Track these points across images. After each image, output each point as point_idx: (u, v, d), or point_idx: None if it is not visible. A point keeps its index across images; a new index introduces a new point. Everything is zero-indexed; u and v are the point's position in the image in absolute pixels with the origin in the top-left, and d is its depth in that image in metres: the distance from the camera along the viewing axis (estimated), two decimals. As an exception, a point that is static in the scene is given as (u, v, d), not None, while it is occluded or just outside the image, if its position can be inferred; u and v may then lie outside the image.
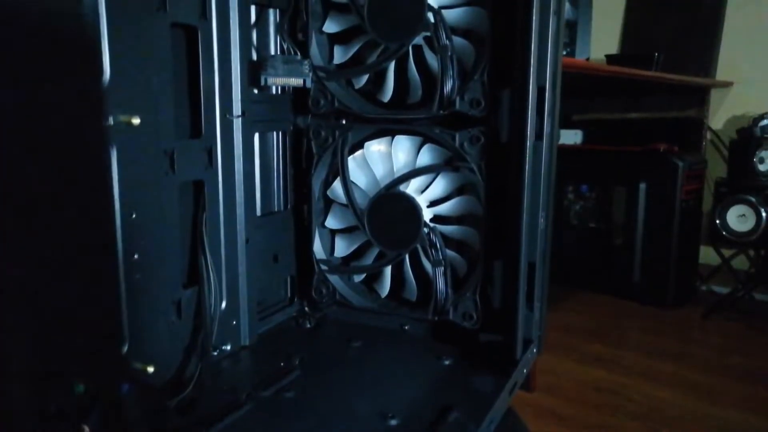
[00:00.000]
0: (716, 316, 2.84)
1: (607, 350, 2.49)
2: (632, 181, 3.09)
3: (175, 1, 0.91)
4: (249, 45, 1.07)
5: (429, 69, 1.07)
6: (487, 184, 1.04)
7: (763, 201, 2.85)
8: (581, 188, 3.29)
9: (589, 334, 2.66)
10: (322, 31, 1.12)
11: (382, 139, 1.12)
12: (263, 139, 1.15)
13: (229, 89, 1.04)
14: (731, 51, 3.20)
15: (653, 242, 3.05)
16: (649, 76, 2.84)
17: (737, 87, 3.22)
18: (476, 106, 1.01)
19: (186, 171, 0.96)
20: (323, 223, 1.18)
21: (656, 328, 2.75)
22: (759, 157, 2.93)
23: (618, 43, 3.56)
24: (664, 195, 3.01)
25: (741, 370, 2.23)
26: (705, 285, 3.22)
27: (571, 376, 2.19)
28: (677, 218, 2.99)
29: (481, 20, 1.02)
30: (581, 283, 3.27)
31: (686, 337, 2.65)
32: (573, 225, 3.32)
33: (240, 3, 1.03)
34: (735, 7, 3.19)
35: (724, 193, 2.96)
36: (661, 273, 3.04)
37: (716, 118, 3.30)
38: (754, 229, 2.85)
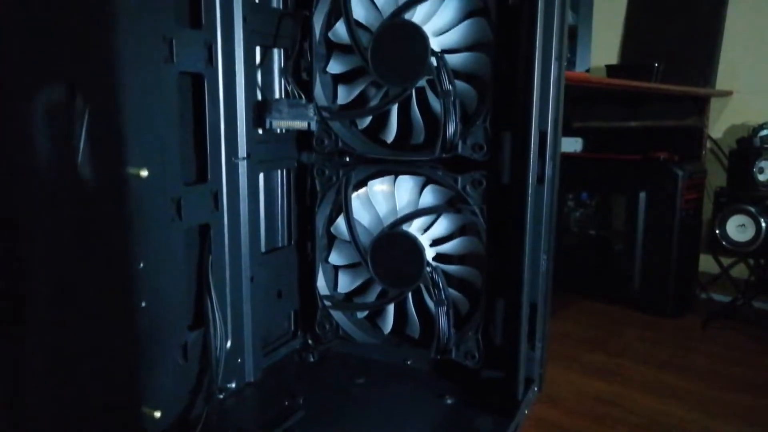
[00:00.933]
0: (716, 325, 2.84)
1: (608, 360, 2.49)
2: (632, 190, 3.09)
3: (183, 51, 0.92)
4: (254, 86, 1.08)
5: (432, 111, 1.08)
6: (489, 226, 1.05)
7: (763, 211, 2.85)
8: (581, 196, 3.30)
9: (589, 344, 2.66)
10: (326, 71, 1.13)
11: (385, 178, 1.13)
12: (268, 177, 1.16)
13: (234, 131, 1.05)
14: (731, 60, 3.20)
15: (653, 251, 3.05)
16: (649, 87, 2.85)
17: (737, 96, 3.22)
18: (478, 150, 1.03)
19: (192, 217, 0.98)
20: (326, 259, 1.19)
21: (656, 338, 2.75)
22: (758, 167, 2.93)
23: (618, 50, 3.56)
24: (664, 204, 3.01)
25: (742, 381, 2.23)
26: (705, 293, 3.23)
27: (571, 387, 2.19)
28: (677, 227, 2.99)
29: (483, 65, 1.03)
30: (581, 291, 3.28)
31: (686, 346, 2.66)
32: (573, 232, 3.33)
33: (245, 47, 1.04)
34: (735, 16, 3.19)
35: (724, 203, 2.96)
36: (661, 281, 3.04)
37: (716, 126, 3.30)
38: (753, 239, 2.85)
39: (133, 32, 0.86)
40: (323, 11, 1.10)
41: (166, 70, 0.90)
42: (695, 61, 3.20)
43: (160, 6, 0.88)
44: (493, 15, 1.00)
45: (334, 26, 1.11)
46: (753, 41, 3.10)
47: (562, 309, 3.02)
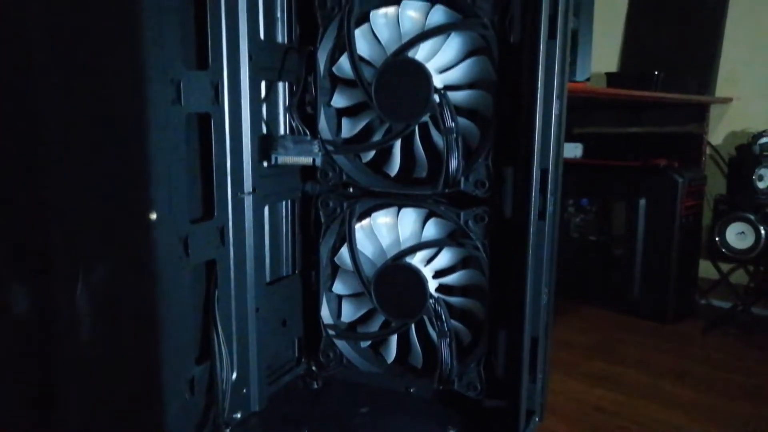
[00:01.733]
0: (715, 331, 2.86)
1: (608, 367, 2.51)
2: (632, 197, 3.11)
3: (190, 93, 0.94)
4: (259, 121, 1.10)
5: (435, 146, 1.09)
6: (491, 260, 1.07)
7: (762, 219, 2.87)
8: (581, 201, 3.32)
9: (589, 351, 2.68)
10: (331, 105, 1.14)
11: (389, 210, 1.14)
12: (273, 209, 1.18)
13: (240, 167, 1.06)
14: (731, 66, 3.22)
15: (653, 257, 3.07)
16: (649, 97, 2.86)
17: (737, 103, 3.24)
18: (481, 187, 1.04)
19: (199, 253, 0.99)
20: (330, 288, 1.21)
21: (656, 345, 2.77)
22: (758, 174, 2.95)
23: (618, 55, 3.58)
24: (664, 211, 3.03)
25: (742, 389, 2.25)
26: (704, 299, 3.25)
27: (572, 395, 2.21)
28: (677, 234, 3.01)
29: (485, 103, 1.05)
30: (581, 296, 3.30)
31: (686, 353, 2.67)
32: (573, 237, 3.35)
33: (251, 84, 1.05)
34: (734, 23, 3.20)
35: (724, 211, 2.98)
36: (661, 288, 3.06)
37: (716, 133, 3.32)
38: (753, 247, 2.87)
39: (141, 77, 0.87)
40: (327, 46, 1.11)
41: (174, 112, 0.91)
42: (695, 68, 3.22)
43: (168, 50, 0.89)
44: (494, 53, 1.02)
45: (338, 61, 1.12)
46: (752, 48, 3.12)
47: (562, 315, 3.04)
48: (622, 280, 3.18)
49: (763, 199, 2.90)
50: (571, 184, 3.41)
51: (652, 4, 3.46)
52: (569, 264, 3.24)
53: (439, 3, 1.05)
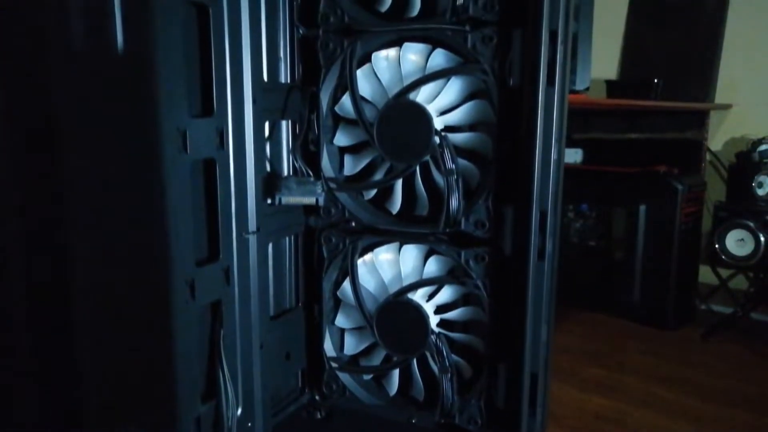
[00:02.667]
0: (715, 337, 2.87)
1: (608, 374, 2.53)
2: (632, 203, 3.12)
3: (196, 140, 0.96)
4: (263, 160, 1.12)
5: (436, 185, 1.11)
6: (491, 298, 1.09)
7: (762, 226, 2.87)
8: (581, 207, 3.33)
9: (589, 357, 2.69)
10: (333, 143, 1.16)
11: (391, 246, 1.16)
12: (277, 245, 1.20)
13: (244, 207, 1.08)
14: (731, 73, 3.22)
15: (653, 263, 3.08)
16: (648, 106, 2.88)
17: (736, 109, 3.25)
18: (481, 227, 1.06)
19: (205, 295, 1.01)
20: (333, 321, 1.23)
21: (656, 351, 2.77)
22: (758, 181, 2.95)
23: (618, 60, 3.58)
24: (663, 217, 3.04)
25: (741, 396, 2.26)
26: (704, 304, 3.27)
27: (572, 403, 2.22)
28: (677, 240, 3.02)
29: (485, 144, 1.07)
30: (581, 302, 3.31)
31: (686, 360, 2.68)
32: (573, 243, 3.36)
33: (255, 127, 1.07)
34: (734, 30, 3.21)
35: (723, 218, 2.99)
36: (661, 294, 3.07)
37: (716, 139, 3.33)
38: (753, 254, 2.87)
39: (149, 130, 0.89)
40: (330, 86, 1.13)
41: (180, 160, 0.93)
42: (695, 74, 3.22)
43: (174, 100, 0.91)
44: (494, 97, 1.03)
45: (340, 100, 1.14)
46: (752, 55, 3.12)
47: (563, 321, 3.04)
48: (622, 285, 3.18)
49: (763, 206, 2.91)
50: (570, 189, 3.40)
51: (651, 10, 3.47)
52: (569, 269, 3.25)
53: (440, 47, 1.06)
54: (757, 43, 3.11)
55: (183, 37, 0.94)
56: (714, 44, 3.24)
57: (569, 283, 3.19)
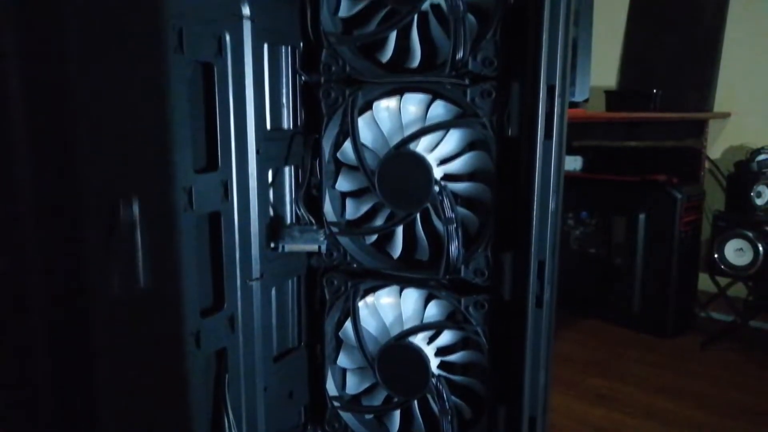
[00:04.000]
0: (714, 346, 2.90)
1: (607, 384, 2.55)
2: (632, 211, 3.15)
3: (201, 196, 0.98)
4: (266, 207, 1.14)
5: (436, 231, 1.13)
6: (490, 344, 1.11)
7: (760, 236, 2.90)
8: (581, 215, 3.36)
9: (588, 367, 2.71)
10: (335, 188, 1.18)
11: (392, 289, 1.19)
12: (279, 289, 1.22)
13: (248, 255, 1.11)
14: (729, 81, 3.24)
15: (652, 272, 3.11)
16: (647, 118, 2.90)
17: (735, 118, 3.27)
18: (480, 275, 1.08)
19: (209, 344, 1.04)
20: (335, 361, 1.25)
21: (656, 360, 2.80)
22: (756, 191, 2.98)
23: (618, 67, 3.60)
24: (663, 226, 3.07)
25: (740, 407, 2.28)
26: (704, 312, 3.29)
27: (573, 414, 2.24)
28: (676, 249, 3.05)
29: (484, 193, 1.09)
30: (581, 309, 3.34)
31: (686, 369, 2.71)
32: (573, 250, 3.39)
33: (259, 176, 1.09)
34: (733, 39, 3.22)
35: (722, 227, 3.01)
36: (661, 302, 3.10)
37: (714, 147, 3.35)
38: (751, 264, 2.90)
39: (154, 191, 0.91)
40: (332, 133, 1.15)
41: (186, 217, 0.96)
42: (694, 82, 3.24)
43: (180, 160, 0.93)
44: (493, 149, 1.05)
45: (342, 146, 1.16)
46: (751, 63, 3.14)
47: (563, 328, 3.07)
48: (621, 293, 3.21)
49: (762, 216, 2.94)
50: (570, 197, 3.45)
51: (651, 18, 3.49)
52: (569, 276, 3.28)
53: (440, 98, 1.08)
54: (756, 52, 3.13)
55: (188, 95, 0.96)
56: (713, 52, 3.26)
57: (570, 291, 3.23)
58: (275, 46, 1.14)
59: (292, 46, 1.17)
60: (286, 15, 1.14)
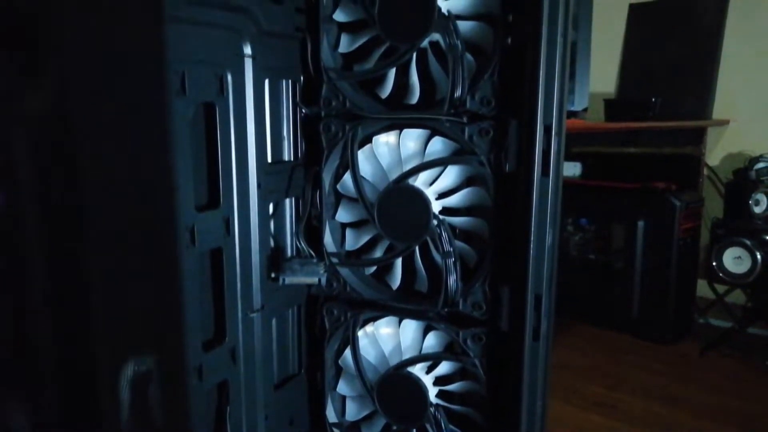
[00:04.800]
0: (713, 353, 2.91)
1: (606, 392, 2.57)
2: (631, 218, 3.16)
3: (203, 233, 1.00)
4: (267, 239, 1.16)
5: (435, 263, 1.15)
6: (488, 375, 1.13)
7: (759, 244, 2.91)
8: (580, 221, 3.38)
9: (587, 373, 2.73)
10: (335, 218, 1.20)
11: (391, 319, 1.20)
12: (280, 318, 1.23)
13: (249, 287, 1.12)
14: (728, 89, 3.25)
15: (652, 278, 3.12)
16: (646, 127, 2.91)
17: (734, 125, 3.28)
18: (478, 309, 1.10)
19: (212, 378, 1.05)
20: (335, 388, 1.27)
21: (654, 367, 2.81)
22: (754, 199, 2.99)
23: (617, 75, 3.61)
24: (662, 233, 3.08)
25: (738, 415, 2.29)
26: (702, 318, 3.31)
27: (571, 422, 2.25)
28: (675, 256, 3.06)
29: (482, 228, 1.11)
30: (580, 315, 3.36)
31: (684, 376, 2.72)
32: (572, 255, 3.41)
33: (260, 211, 1.11)
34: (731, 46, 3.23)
35: (721, 235, 3.03)
36: (660, 309, 3.12)
37: (713, 154, 3.36)
38: (750, 272, 2.91)
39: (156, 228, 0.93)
40: (332, 166, 1.17)
41: (189, 254, 0.97)
42: (693, 89, 3.25)
43: (182, 198, 0.95)
44: (490, 186, 1.07)
45: (342, 177, 1.18)
46: (749, 70, 3.15)
47: (562, 334, 3.09)
48: (621, 299, 3.23)
49: (760, 224, 2.95)
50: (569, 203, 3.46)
51: (649, 26, 3.50)
52: (568, 282, 3.30)
53: (438, 135, 1.10)
54: (755, 60, 3.14)
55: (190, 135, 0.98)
56: (712, 59, 3.27)
57: (569, 296, 3.25)
58: (276, 81, 1.15)
59: (292, 80, 1.18)
60: (287, 51, 1.15)
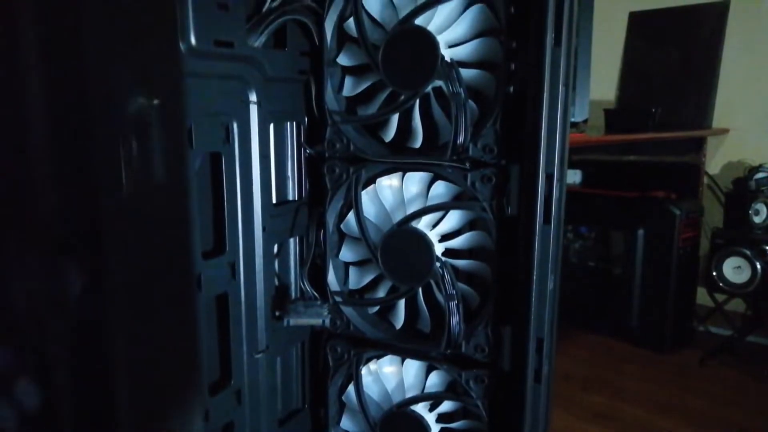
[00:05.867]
0: (713, 361, 2.94)
1: (606, 402, 2.59)
2: (631, 227, 3.18)
3: (209, 280, 1.01)
4: (272, 279, 1.17)
5: (437, 303, 1.16)
6: (489, 416, 1.15)
7: (758, 254, 2.93)
8: (580, 229, 3.40)
9: (587, 383, 2.75)
10: (338, 257, 1.22)
11: (394, 358, 1.22)
12: (284, 356, 1.25)
13: (254, 329, 1.14)
14: (727, 97, 3.27)
15: (651, 287, 3.14)
16: (647, 138, 2.92)
17: (733, 133, 3.29)
18: (480, 351, 1.12)
19: (217, 421, 1.07)
20: (338, 423, 1.29)
21: (654, 377, 2.84)
22: (754, 209, 3.01)
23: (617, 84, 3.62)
24: (662, 242, 3.10)
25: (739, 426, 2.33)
26: (702, 326, 3.33)
27: None
28: (674, 264, 3.08)
29: (484, 271, 1.12)
30: (581, 323, 3.38)
31: (684, 386, 2.74)
32: (572, 262, 3.43)
33: (265, 255, 1.12)
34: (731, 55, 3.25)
35: (720, 245, 3.05)
36: (659, 317, 3.14)
37: (713, 162, 3.38)
38: (749, 281, 2.94)
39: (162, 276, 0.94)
40: (336, 206, 1.18)
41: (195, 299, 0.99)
42: (692, 99, 3.26)
43: (189, 250, 0.96)
44: (492, 230, 1.08)
45: (346, 217, 1.19)
46: (749, 79, 3.17)
47: (562, 342, 3.11)
48: (620, 307, 3.25)
49: (760, 234, 2.97)
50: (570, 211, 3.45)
51: (649, 35, 3.51)
52: (568, 289, 3.32)
53: (441, 179, 1.11)
54: (754, 68, 3.15)
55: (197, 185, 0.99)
56: (711, 68, 3.28)
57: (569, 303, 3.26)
58: (281, 124, 1.16)
59: (297, 121, 1.19)
60: (292, 94, 1.17)
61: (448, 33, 1.06)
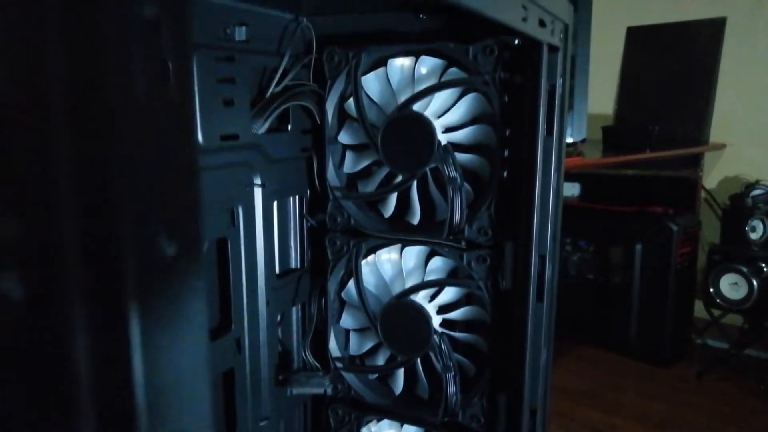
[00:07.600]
0: (711, 375, 2.98)
1: (603, 418, 2.63)
2: (629, 241, 3.23)
3: (216, 359, 1.05)
4: (275, 351, 1.21)
5: (435, 372, 1.21)
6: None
7: (755, 271, 2.97)
8: (579, 243, 3.44)
9: (584, 398, 2.79)
10: (339, 323, 1.26)
11: (393, 423, 1.26)
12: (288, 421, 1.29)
13: (258, 398, 1.18)
14: (725, 113, 3.30)
15: (649, 301, 3.19)
16: (644, 158, 2.96)
17: (730, 149, 3.33)
18: (476, 421, 1.16)
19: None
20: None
21: (652, 391, 2.88)
22: (751, 226, 3.05)
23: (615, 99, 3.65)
24: (659, 257, 3.15)
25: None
26: (700, 338, 3.38)
27: None
28: (672, 279, 3.13)
29: (480, 343, 1.16)
30: (578, 335, 3.43)
31: (682, 401, 2.79)
32: (571, 275, 3.47)
33: (268, 325, 1.16)
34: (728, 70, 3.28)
35: (717, 261, 3.09)
36: (657, 331, 3.19)
37: (711, 177, 3.41)
38: (746, 298, 2.98)
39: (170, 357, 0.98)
40: (337, 276, 1.22)
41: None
42: (690, 114, 3.30)
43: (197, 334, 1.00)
44: (487, 305, 1.13)
45: (347, 285, 1.23)
46: (746, 94, 3.20)
47: (561, 356, 3.16)
48: (618, 321, 3.30)
49: (756, 251, 3.01)
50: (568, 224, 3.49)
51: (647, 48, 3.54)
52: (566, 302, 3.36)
53: (438, 255, 1.15)
54: (751, 84, 3.19)
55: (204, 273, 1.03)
56: (708, 83, 3.32)
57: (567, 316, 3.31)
58: (284, 200, 1.20)
59: (299, 195, 1.23)
60: (294, 171, 1.20)
61: (445, 118, 1.10)
